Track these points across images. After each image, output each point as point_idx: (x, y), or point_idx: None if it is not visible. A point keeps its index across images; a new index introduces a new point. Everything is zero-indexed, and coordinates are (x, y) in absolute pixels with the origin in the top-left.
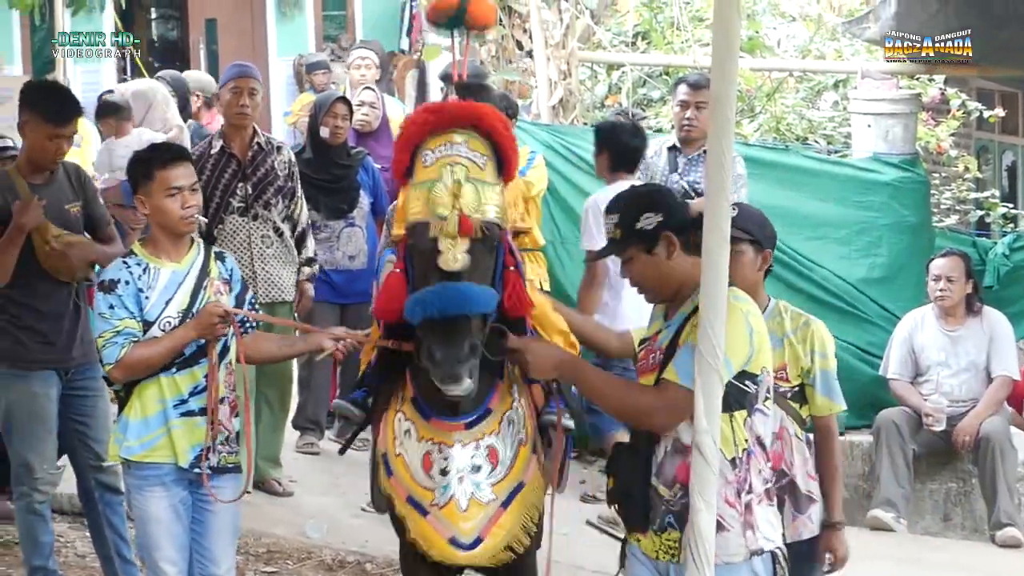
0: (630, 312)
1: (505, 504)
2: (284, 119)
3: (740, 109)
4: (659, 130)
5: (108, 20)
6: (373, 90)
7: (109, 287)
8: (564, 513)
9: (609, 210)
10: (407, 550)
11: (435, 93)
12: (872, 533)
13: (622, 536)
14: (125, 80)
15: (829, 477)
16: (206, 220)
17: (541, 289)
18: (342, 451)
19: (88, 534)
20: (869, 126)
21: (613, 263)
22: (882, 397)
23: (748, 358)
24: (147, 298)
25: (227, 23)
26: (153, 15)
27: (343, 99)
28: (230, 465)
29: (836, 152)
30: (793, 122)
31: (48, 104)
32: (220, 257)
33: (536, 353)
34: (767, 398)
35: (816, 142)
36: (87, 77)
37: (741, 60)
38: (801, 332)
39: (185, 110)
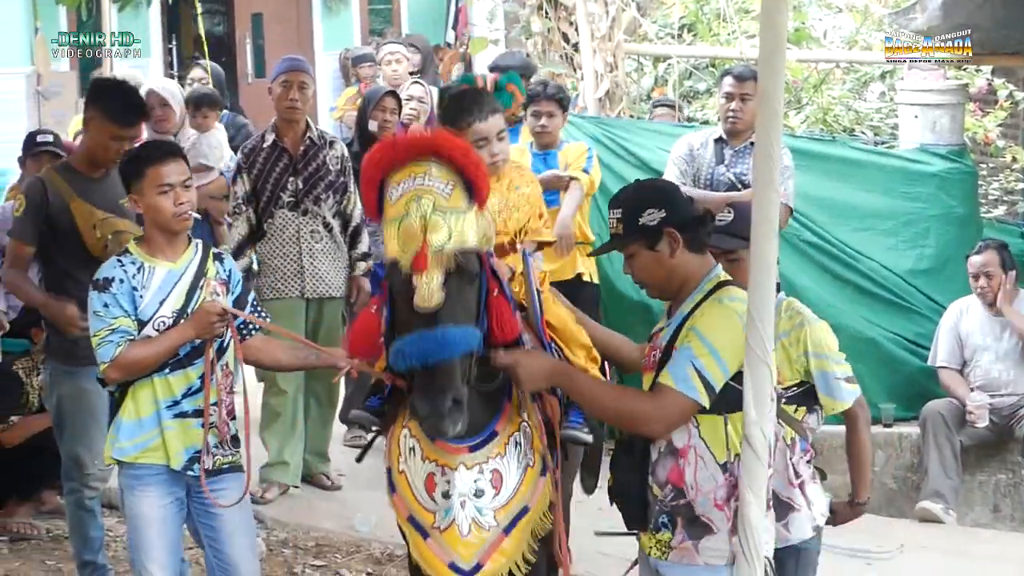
0: None
1: (507, 530)
2: (330, 114)
3: (787, 100)
4: (705, 122)
5: (155, 15)
6: (422, 84)
7: (103, 286)
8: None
9: (612, 204)
10: (413, 561)
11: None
12: (921, 525)
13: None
14: (171, 76)
15: (853, 463)
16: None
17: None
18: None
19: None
20: (916, 117)
21: None
22: (930, 388)
23: (743, 360)
24: (141, 297)
25: (273, 17)
26: (199, 10)
27: (392, 93)
28: (226, 466)
29: (883, 143)
30: (840, 113)
31: (114, 105)
32: (218, 258)
33: (526, 366)
34: None
35: (863, 133)
36: (133, 72)
37: (787, 51)
38: (794, 334)
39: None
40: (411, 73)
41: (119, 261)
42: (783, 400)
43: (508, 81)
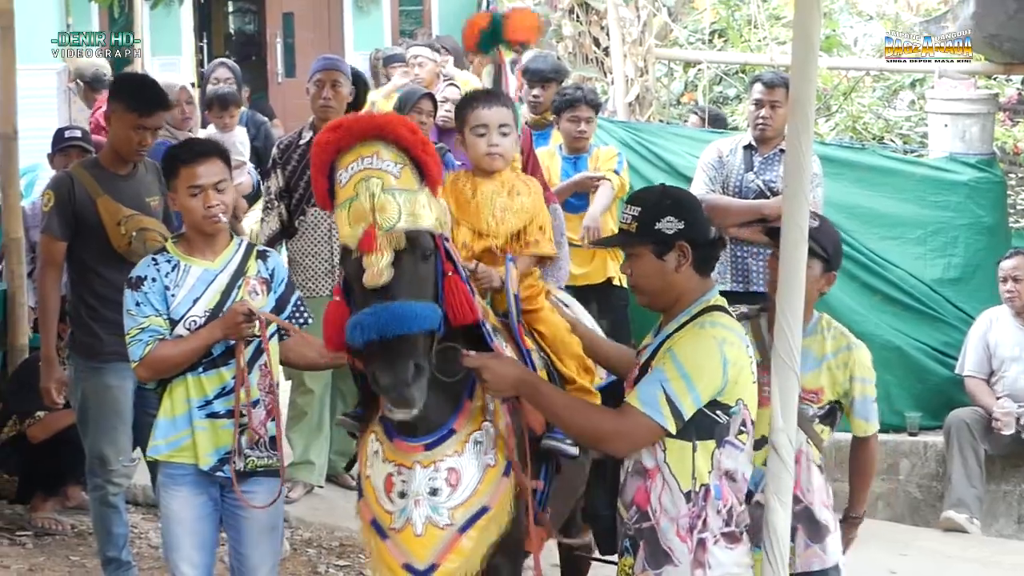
0: None
1: (463, 529)
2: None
3: (816, 108)
4: (735, 128)
5: (187, 14)
6: (456, 86)
7: (136, 284)
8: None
9: (632, 200)
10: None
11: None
12: (945, 534)
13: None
14: (202, 73)
15: (856, 481)
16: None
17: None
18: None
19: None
20: (946, 126)
21: None
22: (956, 397)
23: (720, 389)
24: (173, 296)
25: (304, 17)
26: (231, 8)
27: (429, 95)
28: (260, 469)
29: (912, 152)
30: (870, 121)
31: (133, 95)
32: (262, 256)
33: (494, 371)
34: (742, 432)
35: (892, 141)
36: (164, 70)
37: (819, 59)
38: (842, 356)
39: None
40: (445, 76)
41: (154, 259)
42: (815, 420)
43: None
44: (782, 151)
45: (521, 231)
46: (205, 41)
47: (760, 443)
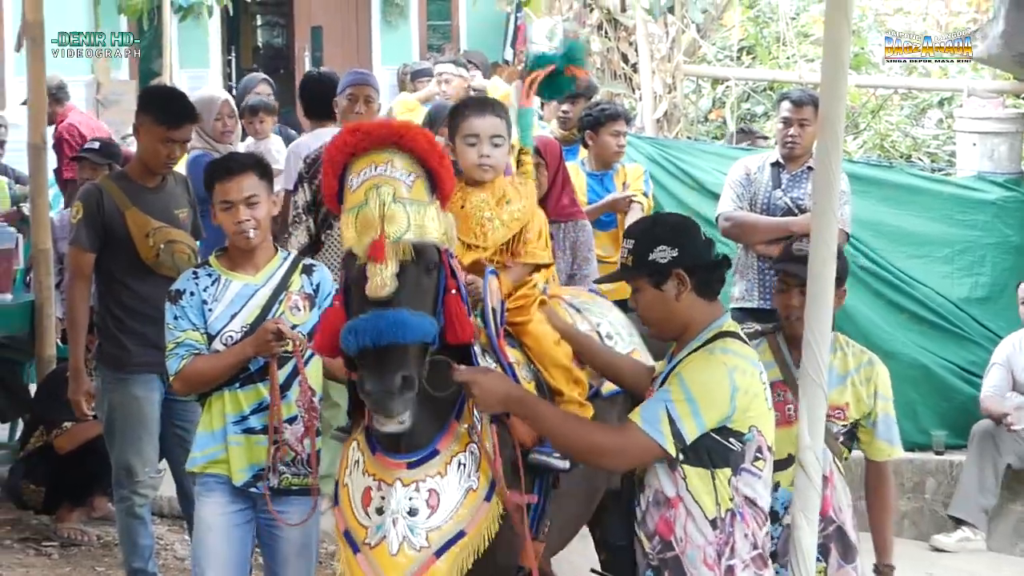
0: None
1: (439, 552)
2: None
3: (845, 126)
4: (764, 136)
5: (215, 26)
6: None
7: (174, 298)
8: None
9: (626, 234)
10: None
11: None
12: (972, 555)
13: None
14: (230, 87)
15: (880, 521)
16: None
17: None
18: None
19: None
20: (974, 144)
21: None
22: (982, 416)
23: (727, 416)
24: (211, 310)
25: (332, 30)
26: (259, 21)
27: None
28: (295, 487)
29: (940, 170)
30: (897, 139)
31: (161, 107)
32: (307, 270)
33: (483, 386)
34: (758, 458)
35: (920, 160)
36: (192, 83)
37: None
38: (865, 372)
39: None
40: (474, 91)
41: (194, 273)
42: (840, 439)
43: (568, 63)
44: (810, 168)
45: (512, 240)
46: (233, 54)
47: (786, 462)
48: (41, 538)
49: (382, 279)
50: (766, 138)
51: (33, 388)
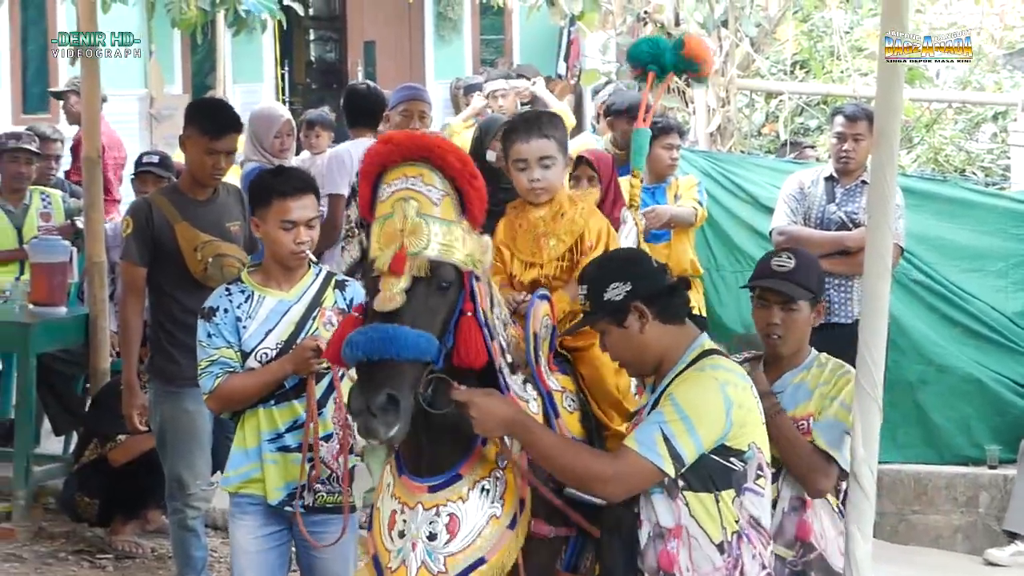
0: None
1: None
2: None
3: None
4: (816, 159)
5: (269, 41)
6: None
7: (208, 315)
8: None
9: (580, 279)
10: None
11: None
12: (999, 554)
13: None
14: (284, 102)
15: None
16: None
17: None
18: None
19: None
20: None
21: None
22: None
23: (724, 433)
24: (245, 327)
25: (385, 45)
26: (312, 36)
27: None
28: (330, 505)
29: (994, 184)
30: (951, 153)
31: (205, 118)
32: (340, 286)
33: (481, 408)
34: (760, 476)
35: (974, 174)
36: (246, 97)
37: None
38: (834, 381)
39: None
40: (523, 104)
41: (227, 290)
42: None
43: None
44: (864, 182)
45: (570, 252)
46: (286, 69)
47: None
48: (95, 550)
49: (391, 293)
50: (813, 147)
51: (87, 401)
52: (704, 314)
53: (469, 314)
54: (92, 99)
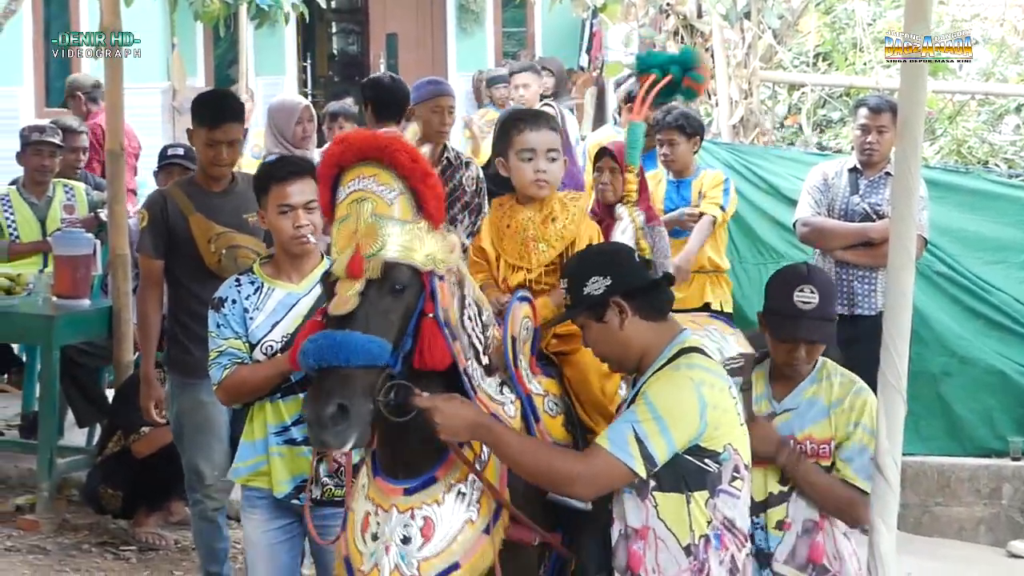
0: None
1: None
2: (462, 132)
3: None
4: (839, 151)
5: (291, 34)
6: (552, 106)
7: (217, 305)
8: None
9: (561, 274)
10: None
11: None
12: (1022, 546)
13: None
14: (306, 93)
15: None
16: None
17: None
18: None
19: None
20: None
21: None
22: None
23: (698, 433)
24: (251, 319)
25: (408, 38)
26: (334, 29)
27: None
28: (337, 498)
29: (1017, 176)
30: (974, 145)
31: (204, 109)
32: None
33: (444, 412)
34: (736, 478)
35: (997, 166)
36: (268, 90)
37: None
38: (850, 400)
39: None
40: (543, 96)
41: (237, 280)
42: None
43: (685, 74)
44: (888, 174)
45: (560, 259)
46: (309, 61)
47: (762, 505)
48: (119, 542)
49: (344, 296)
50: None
51: (111, 393)
52: (728, 310)
53: (430, 316)
54: (115, 93)
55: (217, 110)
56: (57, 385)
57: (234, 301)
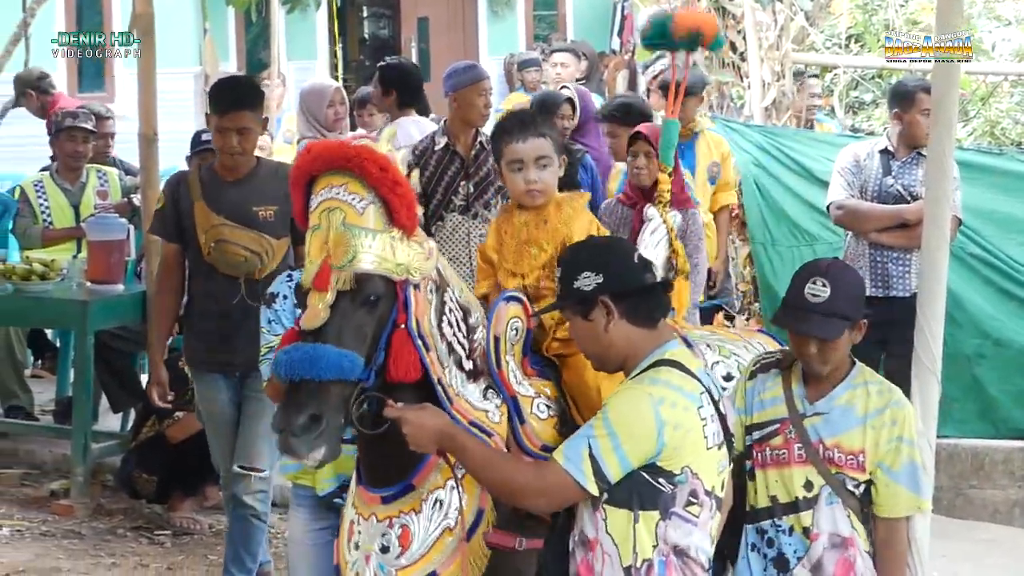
0: None
1: None
2: (496, 116)
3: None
4: (871, 133)
5: (323, 18)
6: (567, 87)
7: (269, 300)
8: None
9: (557, 261)
10: None
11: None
12: None
13: None
14: (337, 77)
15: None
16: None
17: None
18: None
19: None
20: None
21: None
22: None
23: (655, 452)
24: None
25: (439, 22)
26: (365, 13)
27: (571, 100)
28: None
29: None
30: (1007, 126)
31: (214, 96)
32: None
33: (414, 423)
34: (692, 503)
35: None
36: (299, 75)
37: None
38: (890, 413)
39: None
40: (578, 79)
41: (288, 276)
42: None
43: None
44: (920, 154)
45: (551, 260)
46: (340, 46)
47: (790, 508)
48: (154, 527)
49: (316, 309)
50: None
51: (144, 378)
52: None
53: (402, 326)
54: (148, 77)
55: (226, 97)
56: (91, 370)
57: (285, 297)
